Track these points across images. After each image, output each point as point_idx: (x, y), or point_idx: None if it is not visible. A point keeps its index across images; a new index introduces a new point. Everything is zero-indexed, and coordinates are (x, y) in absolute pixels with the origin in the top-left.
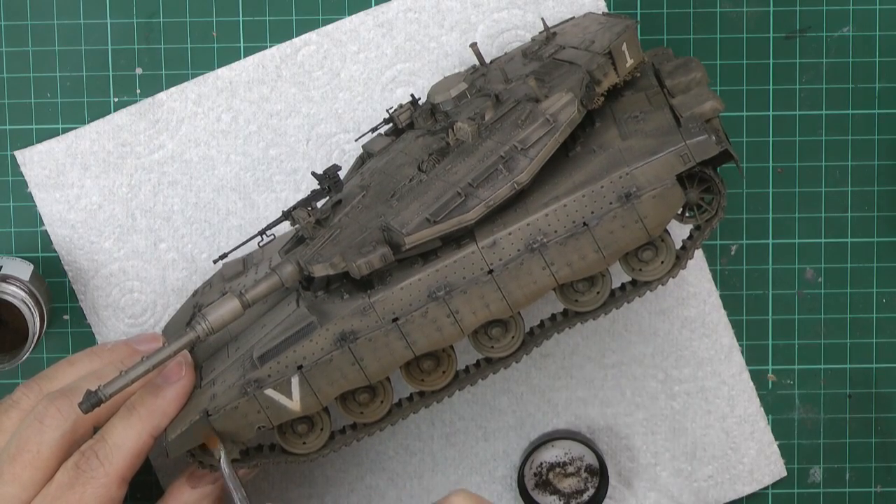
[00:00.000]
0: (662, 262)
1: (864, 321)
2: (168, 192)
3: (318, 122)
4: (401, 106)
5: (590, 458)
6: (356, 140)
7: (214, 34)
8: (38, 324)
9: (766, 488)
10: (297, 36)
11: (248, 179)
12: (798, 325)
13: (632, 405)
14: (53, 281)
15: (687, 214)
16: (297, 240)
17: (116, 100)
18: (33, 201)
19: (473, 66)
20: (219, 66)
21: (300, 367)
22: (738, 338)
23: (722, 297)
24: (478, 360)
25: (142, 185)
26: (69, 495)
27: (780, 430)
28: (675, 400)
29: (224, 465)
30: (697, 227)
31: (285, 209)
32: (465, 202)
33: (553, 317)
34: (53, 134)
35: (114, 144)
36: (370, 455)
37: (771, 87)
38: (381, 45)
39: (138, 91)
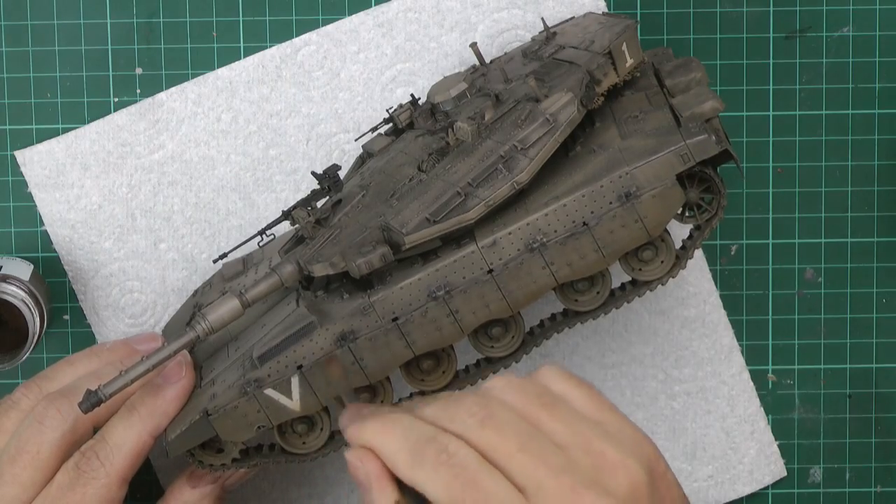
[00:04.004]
0: (662, 262)
1: (864, 321)
2: (168, 192)
3: (318, 122)
4: (401, 106)
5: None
6: (356, 140)
7: (214, 34)
8: (38, 324)
9: (766, 488)
10: (297, 36)
11: (248, 179)
12: (798, 325)
13: (632, 405)
14: (53, 281)
15: (687, 214)
16: (297, 239)
17: (116, 100)
18: (33, 201)
19: (473, 66)
20: (219, 66)
21: (300, 367)
22: (738, 338)
23: (722, 297)
24: (478, 360)
25: (142, 185)
26: (70, 496)
27: (780, 430)
28: (675, 400)
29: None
30: (697, 227)
31: (285, 209)
32: (465, 202)
33: (553, 317)
34: (53, 134)
35: (114, 144)
36: None
37: (771, 87)
38: (381, 45)
39: (138, 91)
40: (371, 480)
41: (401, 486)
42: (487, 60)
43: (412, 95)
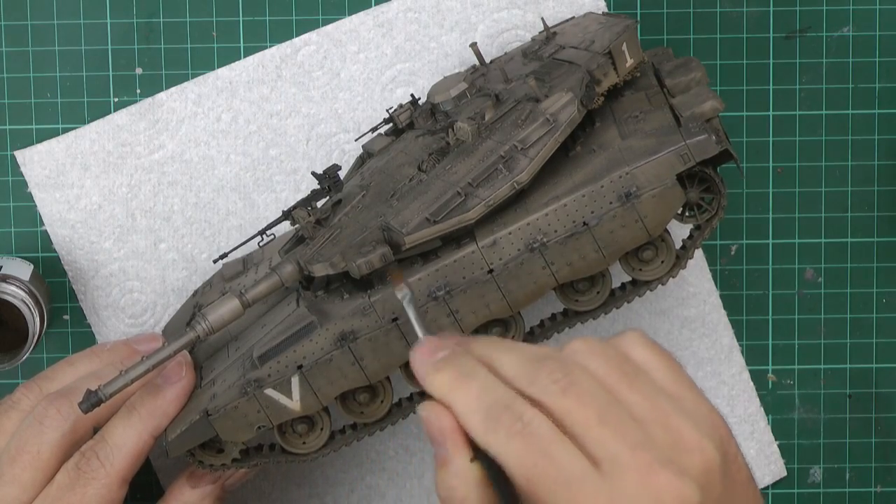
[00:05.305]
0: (662, 262)
1: (864, 321)
2: (168, 192)
3: (318, 122)
4: (401, 106)
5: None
6: (356, 140)
7: (214, 34)
8: (38, 324)
9: (766, 488)
10: (297, 36)
11: (248, 179)
12: (798, 325)
13: None
14: (53, 281)
15: (687, 214)
16: (297, 239)
17: (116, 100)
18: (33, 201)
19: (473, 66)
20: (219, 66)
21: (300, 367)
22: (738, 338)
23: (722, 297)
24: None
25: (142, 185)
26: (70, 496)
27: (780, 430)
28: None
29: (407, 305)
30: (697, 227)
31: (285, 209)
32: (465, 202)
33: (553, 316)
34: (53, 134)
35: (114, 144)
36: (370, 455)
37: (771, 87)
38: (381, 45)
39: (138, 91)
40: (445, 437)
41: (473, 443)
42: (487, 60)
43: (412, 95)
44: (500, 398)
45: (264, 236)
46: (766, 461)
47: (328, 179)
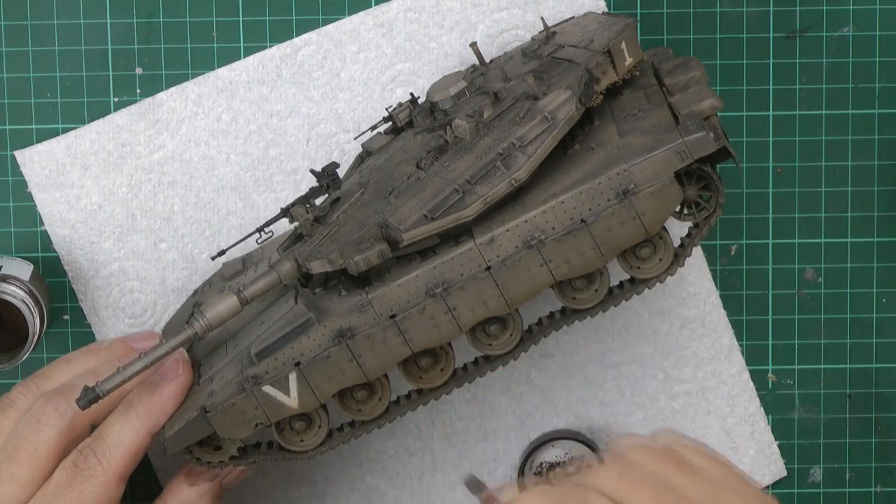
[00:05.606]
0: (660, 260)
1: (864, 321)
2: (168, 192)
3: (318, 122)
4: (400, 104)
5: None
6: (355, 139)
7: (214, 34)
8: (38, 324)
9: (766, 488)
10: (297, 36)
11: (248, 179)
12: (798, 325)
13: (632, 405)
14: (53, 281)
15: (685, 212)
16: (296, 237)
17: (116, 100)
18: (33, 201)
19: (473, 66)
20: (219, 66)
21: (298, 364)
22: (738, 338)
23: (722, 297)
24: (476, 358)
25: (142, 185)
26: (67, 494)
27: (780, 430)
28: (675, 400)
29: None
30: (696, 225)
31: (284, 206)
32: (463, 199)
33: (551, 315)
34: (53, 134)
35: (114, 144)
36: (370, 455)
37: (771, 87)
38: (381, 45)
39: (138, 91)
40: None
41: None
42: (487, 60)
43: (411, 94)
44: (564, 490)
45: (262, 233)
46: (766, 461)
47: (327, 177)
